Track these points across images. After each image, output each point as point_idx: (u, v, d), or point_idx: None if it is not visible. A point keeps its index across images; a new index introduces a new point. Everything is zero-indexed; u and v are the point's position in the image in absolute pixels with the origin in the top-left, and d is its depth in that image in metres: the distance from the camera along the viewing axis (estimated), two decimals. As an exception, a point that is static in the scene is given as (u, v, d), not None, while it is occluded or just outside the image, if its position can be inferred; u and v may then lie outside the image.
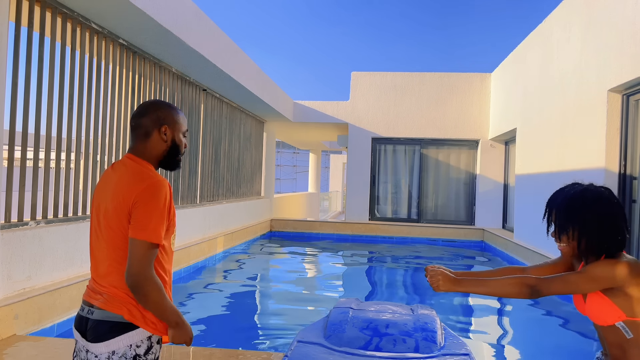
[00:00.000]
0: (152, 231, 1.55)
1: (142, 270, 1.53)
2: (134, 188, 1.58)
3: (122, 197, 1.59)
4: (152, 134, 1.70)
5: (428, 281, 1.88)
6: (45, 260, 4.17)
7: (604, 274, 1.65)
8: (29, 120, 4.15)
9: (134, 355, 1.59)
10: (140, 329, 1.61)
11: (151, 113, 1.71)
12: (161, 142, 1.71)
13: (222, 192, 9.17)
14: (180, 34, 5.48)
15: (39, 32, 4.29)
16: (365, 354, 2.33)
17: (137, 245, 1.54)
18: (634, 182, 5.33)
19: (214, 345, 4.13)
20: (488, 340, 4.71)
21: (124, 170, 1.67)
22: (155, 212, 1.56)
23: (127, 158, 1.71)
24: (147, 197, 1.56)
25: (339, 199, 25.69)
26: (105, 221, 1.63)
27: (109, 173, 1.72)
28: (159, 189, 1.59)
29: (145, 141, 1.70)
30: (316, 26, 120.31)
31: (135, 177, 1.62)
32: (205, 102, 8.20)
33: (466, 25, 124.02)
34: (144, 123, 1.70)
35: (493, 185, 11.46)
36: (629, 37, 5.20)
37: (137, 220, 1.55)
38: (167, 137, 1.71)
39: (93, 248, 1.69)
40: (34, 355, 3.18)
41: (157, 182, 1.60)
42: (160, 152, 1.73)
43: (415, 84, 11.84)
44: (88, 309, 1.63)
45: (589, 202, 1.74)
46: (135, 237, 1.54)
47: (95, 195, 1.74)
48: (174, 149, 1.74)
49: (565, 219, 1.76)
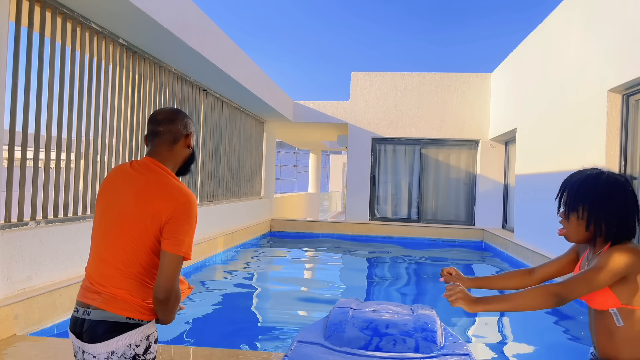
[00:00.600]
0: (188, 247, 1.61)
1: (173, 285, 1.59)
2: (170, 202, 1.61)
3: (155, 208, 1.60)
4: (179, 141, 1.76)
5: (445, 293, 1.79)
6: (45, 260, 4.17)
7: (621, 264, 1.60)
8: (29, 120, 4.15)
9: (134, 354, 1.59)
10: (139, 329, 1.61)
11: (180, 120, 1.77)
12: (185, 149, 1.79)
13: (222, 192, 9.17)
14: (180, 34, 5.48)
15: (39, 32, 4.29)
16: (365, 354, 2.33)
17: (172, 260, 1.58)
18: (634, 182, 5.33)
19: (214, 345, 4.12)
20: (488, 340, 4.71)
21: (153, 178, 1.67)
22: (191, 228, 1.63)
23: (152, 163, 1.71)
24: (184, 214, 1.61)
25: (339, 199, 25.69)
26: (124, 224, 1.62)
27: (129, 173, 1.70)
28: (194, 206, 1.65)
29: (171, 147, 1.75)
30: (316, 26, 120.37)
31: (171, 190, 1.64)
32: (205, 102, 8.20)
33: (466, 25, 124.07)
34: (172, 129, 1.75)
35: (493, 185, 11.46)
36: (629, 37, 5.20)
37: (173, 236, 1.59)
38: (191, 143, 1.81)
39: (98, 247, 1.68)
40: (34, 355, 3.18)
41: (192, 198, 1.66)
42: (183, 159, 1.80)
43: (415, 84, 11.84)
44: (84, 310, 1.62)
45: (602, 183, 1.70)
46: (171, 251, 1.58)
47: (105, 192, 1.71)
48: (192, 156, 1.84)
49: (576, 197, 1.73)
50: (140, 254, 1.61)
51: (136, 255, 1.61)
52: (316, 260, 9.33)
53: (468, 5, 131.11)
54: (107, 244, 1.65)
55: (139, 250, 1.61)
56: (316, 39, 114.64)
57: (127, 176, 1.70)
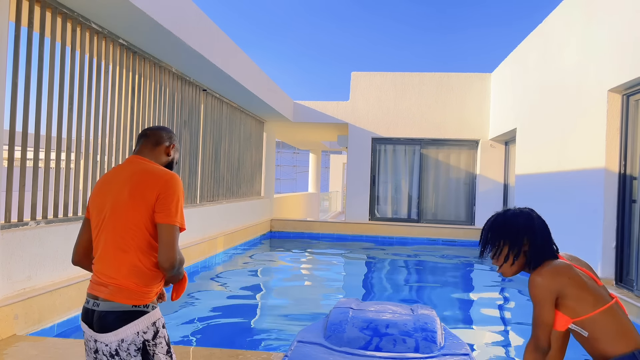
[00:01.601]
0: (181, 217, 1.77)
1: (174, 253, 1.72)
2: (156, 181, 1.77)
3: (144, 189, 1.75)
4: (160, 145, 1.95)
5: None
6: (45, 260, 4.17)
7: (539, 294, 1.78)
8: (29, 120, 4.15)
9: (143, 341, 1.70)
10: (145, 316, 1.71)
11: (166, 132, 1.99)
12: (164, 156, 1.96)
13: (222, 192, 9.17)
14: (180, 34, 5.48)
15: (39, 32, 4.29)
16: (365, 354, 2.33)
17: (168, 230, 1.72)
18: (634, 182, 5.33)
19: (214, 346, 4.13)
20: (488, 340, 4.71)
21: (137, 167, 1.82)
22: (179, 201, 1.77)
23: (135, 158, 1.88)
24: (171, 188, 1.76)
25: (339, 199, 25.69)
26: (118, 214, 1.75)
27: (116, 172, 1.85)
28: (178, 181, 1.80)
29: (154, 148, 1.93)
30: (316, 26, 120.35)
31: (155, 171, 1.80)
32: (205, 102, 8.20)
33: (466, 25, 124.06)
34: (157, 134, 1.95)
35: (493, 185, 11.46)
36: (629, 37, 5.20)
37: (165, 209, 1.73)
38: (172, 154, 1.99)
39: (98, 243, 1.79)
40: (34, 355, 3.18)
41: (175, 175, 1.82)
42: (161, 163, 1.95)
43: (415, 84, 11.84)
44: (93, 301, 1.73)
45: (510, 217, 1.91)
46: (166, 222, 1.72)
47: (97, 195, 1.83)
48: (169, 166, 2.00)
49: (493, 237, 1.92)
50: (137, 239, 1.73)
51: (134, 239, 1.73)
52: (316, 260, 9.33)
53: (468, 5, 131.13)
54: (105, 237, 1.76)
55: (135, 234, 1.73)
56: (316, 38, 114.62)
57: (113, 175, 1.85)
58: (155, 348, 1.72)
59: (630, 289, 5.20)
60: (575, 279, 1.79)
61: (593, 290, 1.80)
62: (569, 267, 1.82)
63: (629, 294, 5.07)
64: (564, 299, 1.78)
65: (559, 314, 1.80)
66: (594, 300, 1.78)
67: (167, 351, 1.76)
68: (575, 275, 1.80)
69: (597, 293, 1.80)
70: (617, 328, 1.76)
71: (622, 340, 1.73)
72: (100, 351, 1.71)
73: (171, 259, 1.70)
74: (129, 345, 1.67)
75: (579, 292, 1.77)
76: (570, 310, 1.78)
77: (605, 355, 1.76)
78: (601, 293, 1.82)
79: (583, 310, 1.77)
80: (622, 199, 5.48)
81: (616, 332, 1.75)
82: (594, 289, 1.81)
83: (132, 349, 1.68)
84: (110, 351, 1.68)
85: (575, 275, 1.80)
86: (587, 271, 1.89)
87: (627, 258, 5.37)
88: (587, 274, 1.87)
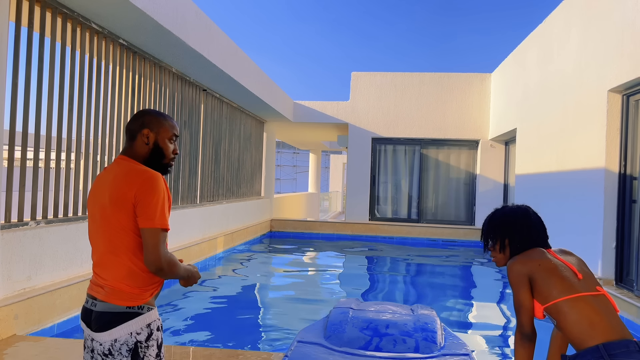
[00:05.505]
0: (160, 218, 1.71)
1: (158, 256, 1.69)
2: (132, 183, 1.72)
3: (122, 192, 1.72)
4: (136, 137, 1.84)
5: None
6: (45, 260, 4.17)
7: (512, 277, 1.89)
8: (29, 120, 4.15)
9: (135, 341, 1.71)
10: (139, 317, 1.72)
11: (137, 118, 1.87)
12: (143, 145, 1.84)
13: (222, 192, 9.17)
14: (180, 34, 5.48)
15: (39, 32, 4.29)
16: (365, 354, 2.34)
17: (150, 234, 1.69)
18: (634, 182, 5.33)
19: (214, 345, 4.13)
20: (488, 340, 4.71)
21: (118, 169, 1.80)
22: (158, 201, 1.71)
23: (119, 159, 1.86)
24: (149, 189, 1.71)
25: (339, 199, 25.68)
26: (104, 217, 1.75)
27: (103, 175, 1.85)
28: (155, 180, 1.73)
29: (131, 143, 1.85)
30: (316, 26, 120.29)
31: (131, 173, 1.75)
32: (205, 102, 8.20)
33: (466, 25, 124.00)
34: (130, 127, 1.86)
35: (493, 185, 11.46)
36: (628, 37, 5.20)
37: (144, 212, 1.69)
38: (149, 140, 1.84)
39: (92, 245, 1.83)
40: (34, 355, 3.18)
41: (154, 174, 1.75)
42: (144, 154, 1.85)
43: (415, 84, 11.84)
44: (92, 301, 1.77)
45: (498, 213, 2.13)
46: (146, 226, 1.69)
47: (89, 199, 1.85)
48: (156, 151, 1.85)
49: (488, 229, 2.12)
50: (126, 242, 1.73)
51: (123, 243, 1.72)
52: (316, 260, 9.33)
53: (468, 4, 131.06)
54: (98, 240, 1.78)
55: (123, 238, 1.72)
56: (316, 38, 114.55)
57: (101, 178, 1.84)
58: (147, 350, 1.73)
59: (630, 289, 5.20)
60: (546, 264, 1.85)
61: (564, 278, 1.80)
62: (542, 253, 1.92)
63: (629, 294, 5.07)
64: (534, 284, 1.84)
65: (535, 302, 1.85)
66: (562, 288, 1.78)
67: (156, 354, 1.76)
68: (546, 261, 1.87)
69: (567, 281, 1.79)
70: (587, 320, 1.72)
71: (591, 332, 1.69)
72: (95, 350, 1.74)
73: (156, 262, 1.69)
74: (122, 346, 1.70)
75: (548, 278, 1.81)
76: (541, 296, 1.82)
77: (575, 346, 1.75)
78: (572, 282, 1.80)
79: (550, 296, 1.79)
80: (622, 199, 5.47)
81: (586, 323, 1.71)
82: (565, 277, 1.81)
83: (124, 349, 1.70)
84: (104, 350, 1.71)
85: (546, 261, 1.87)
86: (569, 264, 1.87)
87: (627, 258, 5.37)
88: (565, 264, 1.87)
